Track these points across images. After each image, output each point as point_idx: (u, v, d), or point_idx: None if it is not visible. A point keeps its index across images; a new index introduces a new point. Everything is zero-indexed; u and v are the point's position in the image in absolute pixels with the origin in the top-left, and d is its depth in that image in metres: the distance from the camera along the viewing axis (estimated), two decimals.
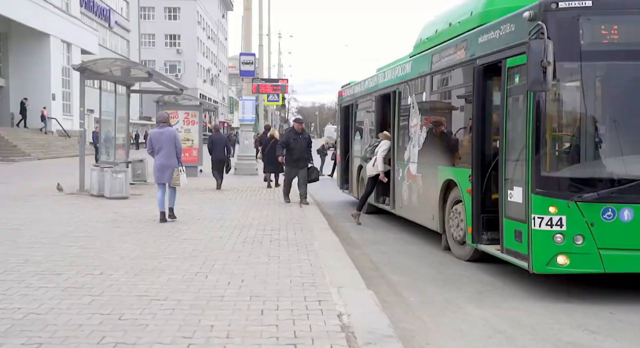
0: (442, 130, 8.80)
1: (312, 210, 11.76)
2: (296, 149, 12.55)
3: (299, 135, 12.74)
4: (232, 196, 14.23)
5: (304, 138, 12.83)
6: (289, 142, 12.64)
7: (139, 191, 14.76)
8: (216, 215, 10.56)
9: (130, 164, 17.36)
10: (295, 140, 12.63)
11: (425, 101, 9.23)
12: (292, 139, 12.68)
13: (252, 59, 23.32)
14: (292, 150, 12.59)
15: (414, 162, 9.72)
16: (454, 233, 8.10)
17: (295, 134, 12.81)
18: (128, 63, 14.08)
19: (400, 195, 10.45)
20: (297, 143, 12.62)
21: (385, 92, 11.48)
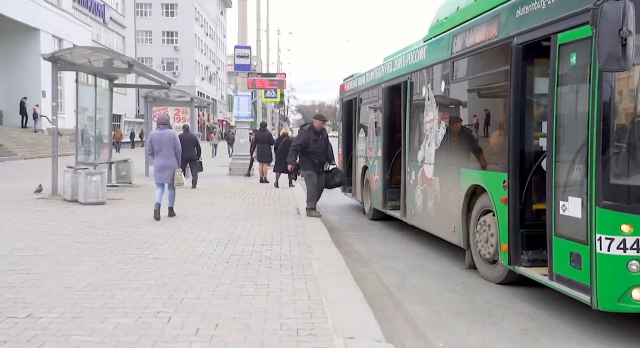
0: (467, 126, 7.40)
1: (311, 218, 10.36)
2: (317, 151, 10.60)
3: (319, 136, 10.77)
4: (223, 200, 12.83)
5: (324, 139, 10.95)
6: (309, 143, 10.56)
7: (120, 195, 13.37)
8: (201, 224, 9.18)
9: (114, 164, 16.01)
10: (316, 142, 10.62)
11: (445, 92, 7.84)
12: (313, 140, 10.61)
13: (248, 52, 21.91)
14: (313, 153, 10.59)
15: (429, 163, 8.33)
16: (482, 250, 6.71)
17: (315, 133, 10.72)
18: (109, 53, 12.70)
19: (412, 201, 9.06)
20: (318, 144, 10.65)
21: (394, 83, 10.07)
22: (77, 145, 13.76)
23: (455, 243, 7.54)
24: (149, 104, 19.59)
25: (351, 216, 12.42)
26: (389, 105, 10.59)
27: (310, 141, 10.59)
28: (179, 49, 75.11)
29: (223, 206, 11.73)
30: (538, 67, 5.86)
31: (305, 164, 10.71)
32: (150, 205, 11.54)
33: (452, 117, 7.67)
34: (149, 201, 12.23)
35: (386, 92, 10.55)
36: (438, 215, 8.03)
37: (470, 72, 7.20)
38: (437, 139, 8.05)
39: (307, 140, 10.60)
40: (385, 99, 10.58)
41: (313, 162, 10.60)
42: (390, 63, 10.39)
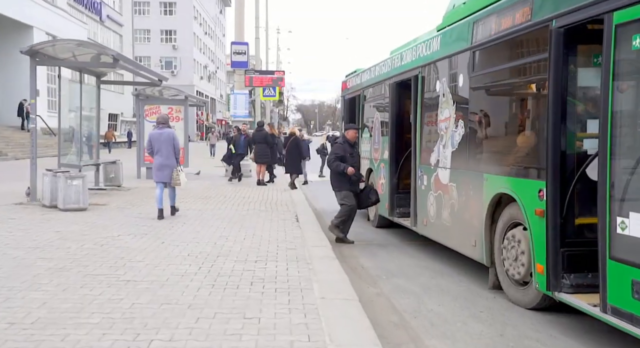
0: (491, 125, 6.46)
1: (311, 226, 9.41)
2: (354, 166, 9.16)
3: (353, 148, 9.40)
4: (217, 205, 11.88)
5: (357, 152, 9.80)
6: (346, 157, 9.07)
7: (106, 199, 12.42)
8: (188, 235, 8.23)
9: (101, 166, 15.07)
10: (352, 156, 9.21)
11: (463, 86, 6.88)
12: (349, 154, 9.15)
13: (245, 48, 20.99)
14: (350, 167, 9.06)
15: (444, 167, 7.38)
16: (510, 269, 5.76)
17: (350, 146, 9.27)
18: (95, 47, 11.73)
19: (424, 210, 8.11)
20: (354, 159, 9.28)
21: (403, 78, 9.13)
22: (60, 146, 12.81)
23: (475, 259, 6.59)
24: (140, 102, 18.64)
25: (354, 223, 11.44)
26: (396, 103, 9.65)
27: (347, 154, 9.10)
28: (178, 48, 74.23)
29: (216, 213, 10.77)
30: (583, 55, 4.92)
31: (341, 183, 9.09)
32: (136, 211, 10.67)
33: (472, 114, 6.72)
34: (136, 207, 11.32)
35: (394, 88, 9.60)
36: (455, 226, 7.08)
37: (496, 63, 6.24)
38: (453, 139, 7.10)
39: (345, 154, 9.08)
40: (393, 95, 9.63)
41: (350, 180, 9.09)
42: (398, 56, 9.44)
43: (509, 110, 6.08)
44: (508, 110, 6.09)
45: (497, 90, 6.32)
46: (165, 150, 9.70)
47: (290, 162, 16.51)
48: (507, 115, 6.11)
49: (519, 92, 5.87)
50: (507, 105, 6.11)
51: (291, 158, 16.49)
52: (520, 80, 5.81)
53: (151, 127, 18.45)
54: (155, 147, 9.76)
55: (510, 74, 5.99)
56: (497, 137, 6.29)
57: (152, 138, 9.84)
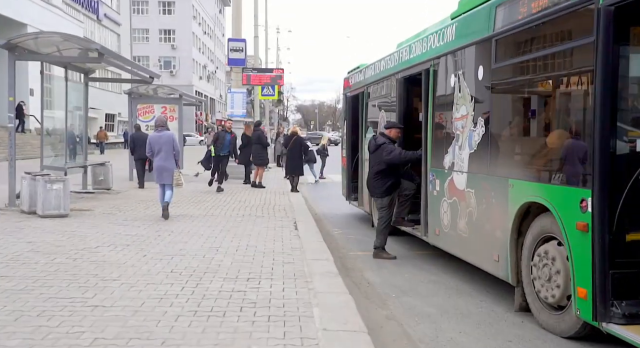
0: (517, 123, 5.65)
1: (311, 235, 8.61)
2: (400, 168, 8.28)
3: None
4: (209, 210, 11.08)
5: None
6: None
7: (92, 204, 11.62)
8: (175, 246, 7.42)
9: (89, 168, 14.27)
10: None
11: (484, 80, 6.07)
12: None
13: (242, 45, 20.18)
14: (396, 170, 8.15)
15: (460, 171, 6.57)
16: (543, 290, 4.96)
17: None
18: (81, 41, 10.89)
19: (436, 218, 7.30)
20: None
21: (412, 72, 8.32)
22: (42, 147, 12.00)
23: (498, 276, 5.78)
24: (133, 101, 17.84)
25: (357, 230, 10.67)
26: (404, 100, 8.85)
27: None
28: (177, 48, 73.54)
29: (208, 219, 9.96)
30: (637, 39, 4.11)
31: (390, 187, 8.05)
32: (122, 217, 9.87)
33: (494, 111, 5.91)
34: (123, 212, 10.52)
35: (401, 83, 8.79)
36: (474, 238, 6.26)
37: (525, 52, 5.42)
38: (471, 140, 6.29)
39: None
40: (400, 91, 8.82)
41: (397, 181, 8.13)
42: (406, 49, 8.63)
43: (540, 106, 5.26)
44: (539, 105, 5.27)
45: (527, 82, 5.49)
46: (164, 152, 9.77)
47: (292, 163, 15.65)
48: (538, 112, 5.29)
49: (554, 84, 5.04)
50: (539, 99, 5.29)
51: (292, 159, 15.61)
52: (556, 70, 4.98)
53: (144, 126, 17.82)
54: (155, 149, 9.84)
55: (544, 63, 5.16)
56: (525, 137, 5.47)
57: (152, 140, 9.94)
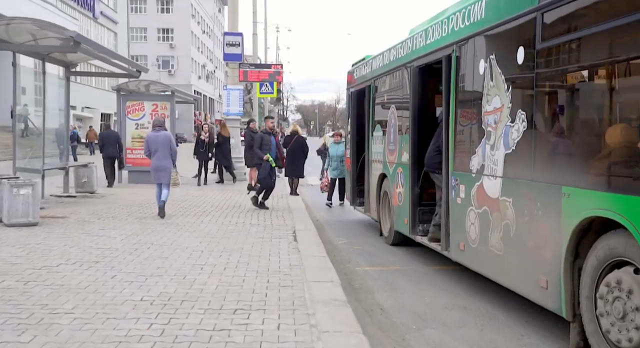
0: (574, 115, 4.51)
1: (312, 248, 7.48)
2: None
3: None
4: (199, 217, 9.95)
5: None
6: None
7: (70, 209, 10.51)
8: (153, 262, 6.29)
9: (71, 169, 13.15)
10: None
11: (525, 64, 4.95)
12: None
13: (239, 39, 19.00)
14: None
15: (493, 175, 5.45)
16: (613, 331, 3.84)
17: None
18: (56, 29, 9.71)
19: (461, 230, 6.17)
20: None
21: (429, 60, 7.21)
22: (15, 146, 10.89)
23: (546, 306, 4.65)
24: (122, 97, 16.73)
25: (364, 239, 9.56)
26: (419, 92, 7.73)
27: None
28: (175, 47, 72.46)
29: (196, 228, 8.84)
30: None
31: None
32: (99, 226, 8.75)
33: (542, 102, 4.78)
34: (102, 220, 9.42)
35: (416, 74, 7.67)
36: (511, 257, 5.14)
37: (585, 25, 4.28)
38: (508, 138, 5.16)
39: None
40: (415, 83, 7.70)
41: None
42: (421, 34, 7.50)
43: (607, 93, 4.11)
44: (606, 93, 4.13)
45: (589, 64, 4.34)
46: (161, 152, 9.86)
47: (292, 165, 14.48)
48: (604, 101, 4.15)
49: (628, 66, 3.91)
50: (606, 85, 4.14)
51: (293, 160, 14.45)
52: (631, 48, 3.84)
53: (133, 125, 16.71)
54: (152, 149, 9.93)
55: (612, 39, 4.03)
56: (587, 133, 4.33)
57: (150, 140, 10.03)
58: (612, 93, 4.05)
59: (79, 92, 45.73)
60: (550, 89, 4.77)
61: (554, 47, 4.61)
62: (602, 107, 4.17)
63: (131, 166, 16.69)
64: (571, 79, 4.55)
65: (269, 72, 20.38)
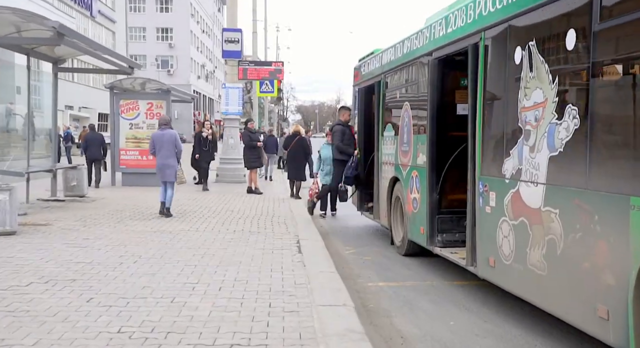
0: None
1: (319, 261, 6.69)
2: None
3: None
4: (195, 224, 9.17)
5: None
6: None
7: (55, 215, 9.74)
8: (136, 281, 5.49)
9: (61, 172, 12.37)
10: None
11: (578, 49, 4.15)
12: None
13: (238, 36, 18.27)
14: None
15: (533, 181, 4.66)
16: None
17: None
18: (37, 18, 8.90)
19: (490, 244, 5.37)
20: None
21: (450, 51, 6.41)
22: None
23: (606, 341, 3.85)
24: (115, 96, 15.93)
25: (373, 248, 8.77)
26: (438, 87, 6.93)
27: None
28: (174, 47, 71.76)
29: (191, 237, 8.05)
30: None
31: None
32: (84, 235, 7.96)
33: (600, 95, 3.98)
34: (88, 228, 8.64)
35: (434, 66, 6.88)
36: (558, 278, 4.34)
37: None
38: (554, 137, 4.37)
39: None
40: (434, 77, 6.90)
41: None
42: (441, 22, 6.70)
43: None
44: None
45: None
46: (166, 150, 9.90)
47: (293, 167, 13.80)
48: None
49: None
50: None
51: (294, 162, 13.76)
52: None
53: (127, 125, 15.93)
54: (157, 148, 9.95)
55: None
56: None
57: (155, 139, 10.09)
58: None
59: (76, 92, 45.03)
60: (611, 80, 3.97)
61: (615, 28, 3.82)
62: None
63: (125, 168, 15.91)
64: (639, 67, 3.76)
65: (269, 69, 19.60)
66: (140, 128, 15.85)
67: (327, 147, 11.62)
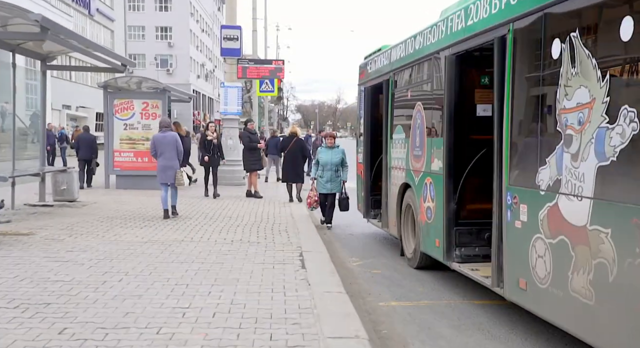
0: None
1: (325, 279, 6.04)
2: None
3: None
4: (190, 233, 8.52)
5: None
6: None
7: (40, 223, 9.11)
8: (118, 306, 4.84)
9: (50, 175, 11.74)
10: None
11: (636, 40, 3.51)
12: None
13: (238, 33, 17.62)
14: None
15: (577, 194, 4.01)
16: None
17: None
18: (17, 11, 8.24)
19: (521, 263, 4.72)
20: None
21: (471, 45, 5.77)
22: None
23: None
24: (109, 95, 15.29)
25: (381, 259, 8.14)
26: (456, 85, 6.28)
27: None
28: (174, 46, 71.19)
29: (184, 248, 7.41)
30: None
31: None
32: (69, 246, 7.30)
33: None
34: (74, 237, 8.00)
35: (452, 63, 6.23)
36: (610, 309, 3.70)
37: None
38: (604, 143, 3.72)
39: None
40: (451, 74, 6.25)
41: None
42: (459, 14, 6.04)
43: None
44: None
45: None
46: (168, 152, 9.98)
47: (291, 169, 13.13)
48: None
49: None
50: None
51: (292, 164, 13.10)
52: None
53: (121, 125, 15.28)
54: (159, 150, 10.01)
55: None
56: None
57: (156, 141, 10.15)
58: None
59: (74, 91, 44.39)
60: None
61: None
62: None
63: (119, 170, 15.26)
64: None
65: (269, 68, 18.95)
66: (135, 129, 15.20)
67: (326, 151, 10.41)
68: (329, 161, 10.25)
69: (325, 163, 10.25)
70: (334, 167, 10.25)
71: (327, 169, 10.25)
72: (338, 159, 10.27)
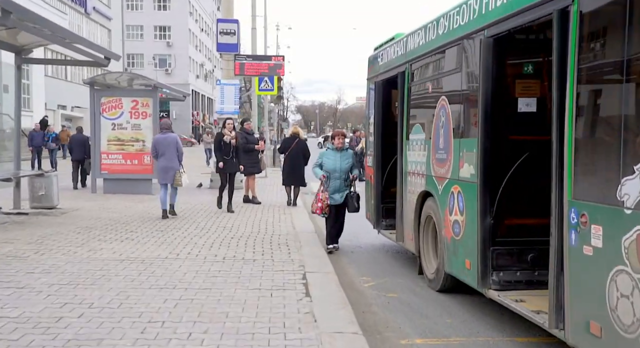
0: None
1: (335, 311, 4.93)
2: None
3: None
4: (178, 246, 7.42)
5: None
6: None
7: (9, 235, 8.08)
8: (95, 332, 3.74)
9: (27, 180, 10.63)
10: None
11: None
12: None
13: (235, 27, 16.51)
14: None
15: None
16: None
17: None
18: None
19: (592, 302, 3.61)
20: None
21: (518, 22, 4.65)
22: None
23: None
24: (96, 92, 14.18)
25: (396, 278, 7.02)
26: (493, 75, 5.15)
27: None
28: (172, 45, 70.26)
29: (167, 267, 6.30)
30: None
31: None
32: (32, 264, 6.15)
33: None
34: (42, 254, 6.89)
35: (489, 47, 5.10)
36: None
37: None
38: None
39: None
40: (488, 61, 5.12)
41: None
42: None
43: None
44: None
45: None
46: (169, 153, 10.12)
47: (292, 171, 12.16)
48: None
49: None
50: None
51: (294, 166, 12.13)
52: None
53: (109, 125, 14.18)
54: (160, 151, 10.17)
55: None
56: None
57: (157, 142, 10.35)
58: None
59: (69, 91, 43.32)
60: None
61: None
62: None
63: (107, 173, 14.14)
64: None
65: (268, 64, 17.83)
66: (124, 129, 14.09)
67: (333, 155, 8.27)
68: (337, 168, 8.17)
69: (332, 170, 8.15)
70: (343, 175, 8.18)
71: (335, 177, 8.15)
72: (347, 165, 8.23)
